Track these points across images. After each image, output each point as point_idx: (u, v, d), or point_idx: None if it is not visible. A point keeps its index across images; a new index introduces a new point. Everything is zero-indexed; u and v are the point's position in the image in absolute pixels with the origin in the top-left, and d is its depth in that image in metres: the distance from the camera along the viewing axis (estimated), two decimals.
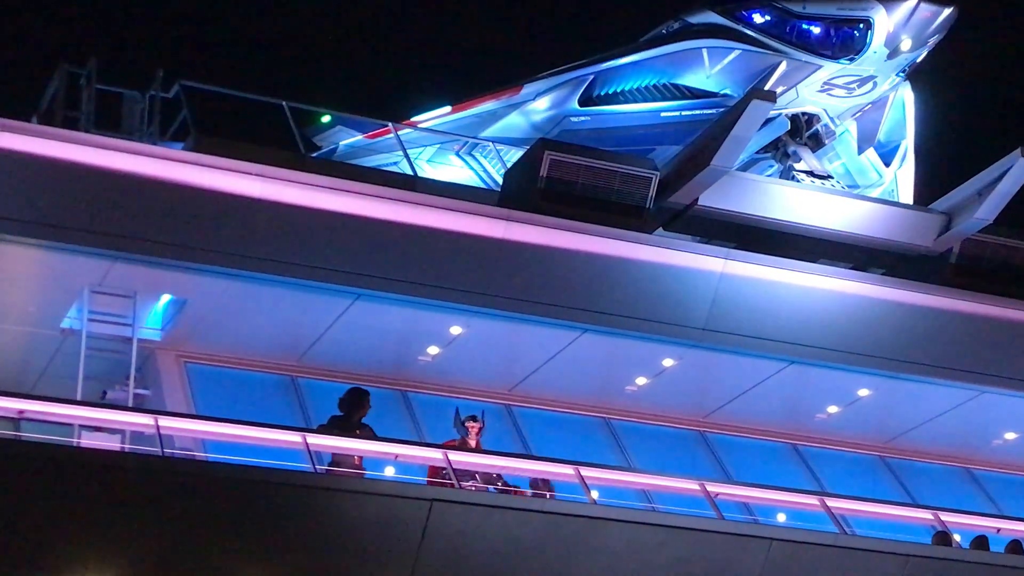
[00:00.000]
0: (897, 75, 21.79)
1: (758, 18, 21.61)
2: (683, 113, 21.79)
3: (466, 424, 18.70)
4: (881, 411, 22.08)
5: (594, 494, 17.96)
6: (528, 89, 22.44)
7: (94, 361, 18.36)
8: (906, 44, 21.12)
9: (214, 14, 35.65)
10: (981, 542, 19.94)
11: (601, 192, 19.76)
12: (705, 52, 21.76)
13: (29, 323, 18.88)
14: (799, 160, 22.10)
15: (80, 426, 16.95)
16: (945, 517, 19.79)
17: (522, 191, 19.73)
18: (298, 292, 18.63)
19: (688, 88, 21.90)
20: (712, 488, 18.69)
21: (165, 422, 16.79)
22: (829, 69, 21.35)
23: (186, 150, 18.71)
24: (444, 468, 17.59)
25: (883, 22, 20.96)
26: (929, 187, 22.64)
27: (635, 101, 22.08)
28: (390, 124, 21.38)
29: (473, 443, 18.54)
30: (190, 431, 17.45)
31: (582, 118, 22.20)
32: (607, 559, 17.41)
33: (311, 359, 19.93)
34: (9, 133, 17.22)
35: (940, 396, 21.71)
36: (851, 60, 21.22)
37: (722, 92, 21.66)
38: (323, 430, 18.00)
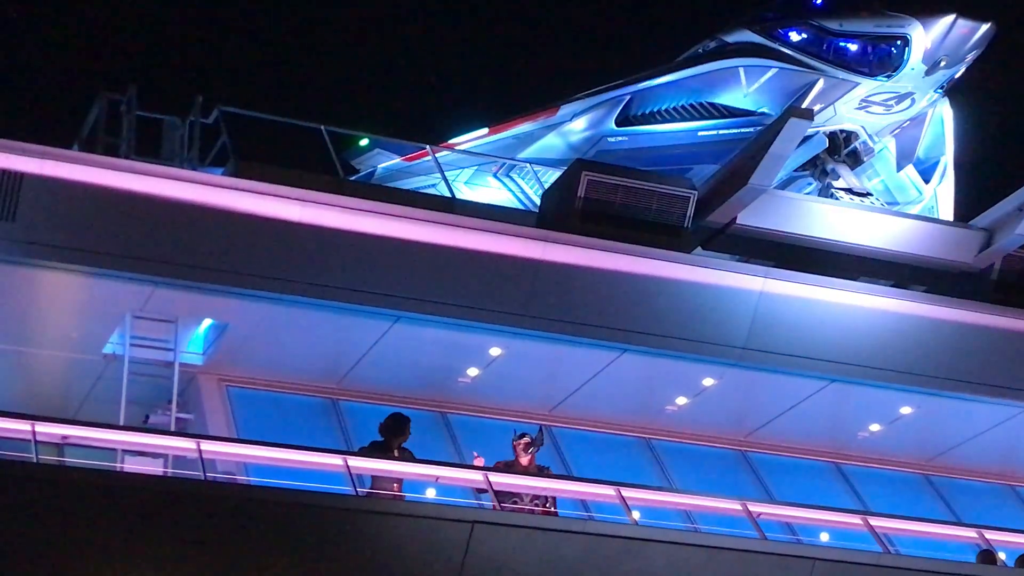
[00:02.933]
0: (935, 91, 21.73)
1: (795, 36, 21.60)
2: (720, 132, 21.79)
3: (514, 443, 18.54)
4: (924, 429, 21.94)
5: (635, 514, 17.89)
6: (565, 110, 22.50)
7: (136, 386, 18.44)
8: (944, 60, 21.05)
9: (252, 40, 35.90)
10: None
11: (639, 212, 19.76)
12: (742, 71, 21.77)
13: (72, 349, 19.00)
14: (838, 178, 22.05)
15: (123, 451, 17.02)
16: (990, 535, 19.61)
17: (560, 212, 19.75)
18: (338, 315, 18.69)
19: (725, 107, 21.91)
20: (754, 508, 18.57)
21: (207, 446, 16.83)
22: (867, 86, 21.32)
23: (226, 175, 18.81)
24: (485, 489, 17.57)
25: (920, 39, 20.91)
26: (969, 203, 22.55)
27: (672, 121, 22.09)
28: (428, 147, 21.45)
29: (525, 461, 18.27)
30: (232, 455, 17.48)
31: (619, 138, 22.22)
32: None
33: (351, 382, 19.98)
34: (52, 161, 17.37)
35: (983, 413, 21.55)
36: (889, 77, 21.17)
37: (759, 111, 21.65)
38: (362, 454, 18.00)
